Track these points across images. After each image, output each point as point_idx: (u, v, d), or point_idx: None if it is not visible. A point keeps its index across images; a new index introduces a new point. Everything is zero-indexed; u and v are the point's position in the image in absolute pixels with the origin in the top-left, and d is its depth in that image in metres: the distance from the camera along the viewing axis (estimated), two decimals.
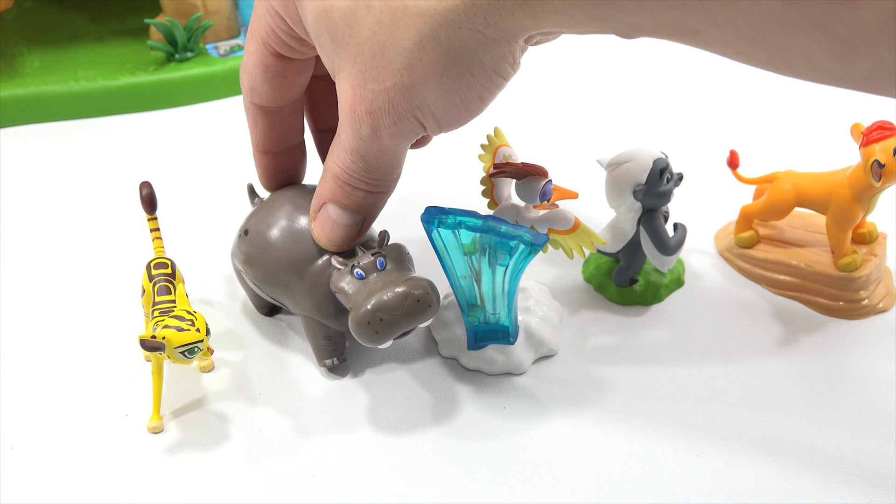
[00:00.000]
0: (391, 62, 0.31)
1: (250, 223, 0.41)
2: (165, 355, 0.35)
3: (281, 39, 0.35)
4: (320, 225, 0.37)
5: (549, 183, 0.40)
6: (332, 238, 0.37)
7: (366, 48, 0.31)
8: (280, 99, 0.38)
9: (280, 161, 0.41)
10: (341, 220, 0.37)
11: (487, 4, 0.29)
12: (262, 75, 0.37)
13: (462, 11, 0.29)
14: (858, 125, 0.43)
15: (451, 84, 0.31)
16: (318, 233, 0.38)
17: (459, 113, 0.33)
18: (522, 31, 0.30)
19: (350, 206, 0.37)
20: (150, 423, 0.38)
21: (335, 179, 0.36)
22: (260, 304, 0.44)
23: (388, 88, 0.31)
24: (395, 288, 0.36)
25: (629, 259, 0.45)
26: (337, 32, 0.31)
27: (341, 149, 0.35)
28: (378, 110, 0.32)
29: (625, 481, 0.36)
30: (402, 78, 0.31)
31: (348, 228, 0.37)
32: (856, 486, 0.36)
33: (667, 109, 0.65)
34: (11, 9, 0.70)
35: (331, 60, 0.33)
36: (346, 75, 0.32)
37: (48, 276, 0.48)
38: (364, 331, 0.35)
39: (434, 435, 0.38)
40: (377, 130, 0.33)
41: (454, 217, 0.37)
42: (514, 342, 0.41)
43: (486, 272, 0.38)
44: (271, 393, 0.41)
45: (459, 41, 0.30)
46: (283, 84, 0.38)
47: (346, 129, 0.34)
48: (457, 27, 0.29)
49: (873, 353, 0.43)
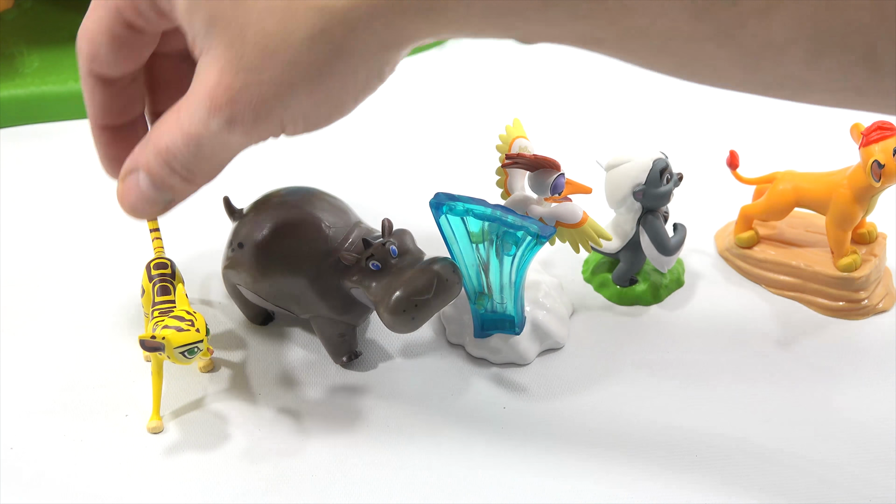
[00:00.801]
0: (275, 54, 0.29)
1: (242, 236, 0.40)
2: (165, 355, 0.35)
3: (138, 9, 0.32)
4: (127, 189, 0.34)
5: (560, 176, 0.40)
6: (136, 208, 0.35)
7: (249, 34, 0.28)
8: (123, 69, 0.35)
9: (121, 137, 0.37)
10: (151, 194, 0.34)
11: (390, 8, 0.28)
12: (107, 43, 0.33)
13: (363, 12, 0.28)
14: (858, 125, 0.43)
15: (332, 84, 0.30)
16: (123, 198, 0.35)
17: (331, 115, 0.31)
18: (418, 37, 0.29)
19: (164, 185, 0.34)
20: (150, 424, 0.38)
21: (158, 154, 0.33)
22: (253, 315, 0.44)
23: (264, 81, 0.29)
24: (423, 271, 0.36)
25: (629, 259, 0.45)
26: (217, 11, 0.29)
27: (177, 129, 0.32)
28: (243, 102, 0.29)
29: (625, 481, 0.36)
30: (283, 73, 0.29)
31: (155, 205, 0.34)
32: (855, 487, 0.36)
33: (667, 109, 0.64)
34: (11, 9, 0.70)
35: (198, 39, 0.30)
36: (215, 58, 0.30)
37: (48, 276, 0.48)
38: (401, 319, 0.36)
39: (434, 435, 0.38)
40: (232, 124, 0.30)
41: (462, 204, 0.37)
42: (520, 333, 0.41)
43: (493, 262, 0.39)
44: (271, 393, 0.41)
45: (353, 42, 0.28)
46: (129, 54, 0.34)
47: (192, 112, 0.31)
48: (353, 27, 0.28)
49: (873, 353, 0.43)
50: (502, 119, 0.46)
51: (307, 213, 0.40)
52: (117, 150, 0.37)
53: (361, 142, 0.61)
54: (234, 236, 0.41)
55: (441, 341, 0.43)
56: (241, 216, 0.42)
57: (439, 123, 0.63)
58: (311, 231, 0.39)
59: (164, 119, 0.33)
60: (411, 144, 0.61)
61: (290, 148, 0.59)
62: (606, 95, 0.67)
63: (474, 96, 0.66)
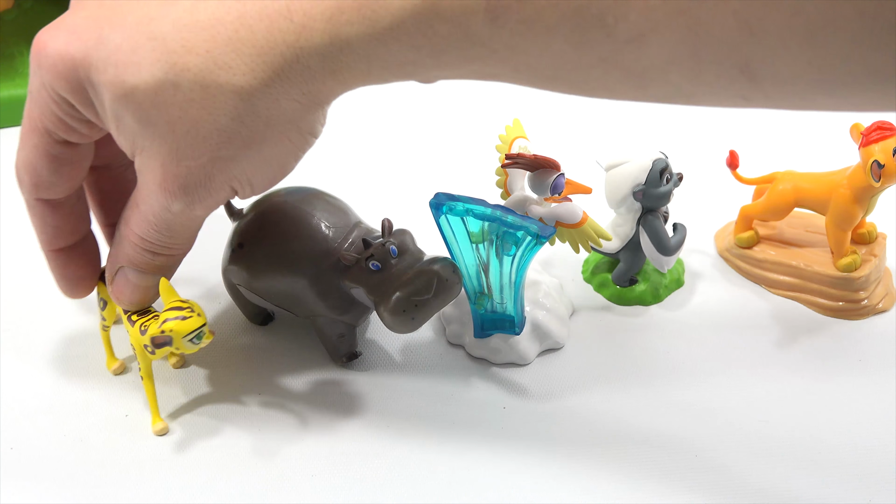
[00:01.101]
0: (207, 138, 0.30)
1: (243, 236, 0.40)
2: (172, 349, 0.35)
3: (68, 126, 0.33)
4: (119, 289, 0.36)
5: (560, 176, 0.40)
6: (133, 300, 0.37)
7: (178, 126, 0.30)
8: (69, 188, 0.36)
9: (76, 255, 0.38)
10: (142, 283, 0.36)
11: (301, 76, 0.30)
12: (48, 167, 0.34)
13: (278, 84, 0.30)
14: (858, 125, 0.43)
15: (270, 151, 0.32)
16: (118, 297, 0.37)
17: (276, 176, 0.33)
18: (334, 95, 0.31)
19: (150, 270, 0.36)
20: (155, 427, 0.38)
21: (134, 248, 0.35)
22: (253, 315, 0.44)
23: (205, 164, 0.31)
24: (423, 271, 0.36)
25: (629, 259, 0.45)
26: (141, 113, 0.30)
27: (142, 221, 0.34)
28: (193, 185, 0.32)
29: (625, 480, 0.36)
30: (221, 151, 0.31)
31: (149, 290, 0.37)
32: (855, 486, 0.36)
33: (667, 110, 0.64)
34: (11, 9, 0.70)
35: (131, 141, 0.32)
36: (154, 154, 0.31)
37: (48, 276, 0.48)
38: (401, 319, 0.36)
39: (434, 435, 0.38)
40: (191, 205, 0.32)
41: (462, 204, 0.37)
42: (520, 333, 0.41)
43: (493, 262, 0.39)
44: (271, 393, 0.41)
45: (277, 112, 0.30)
46: (70, 172, 0.35)
47: (151, 204, 0.33)
48: (275, 99, 0.30)
49: (873, 353, 0.43)
50: (502, 119, 0.46)
51: (307, 213, 0.40)
52: (73, 269, 0.38)
53: (362, 142, 0.61)
54: (234, 236, 0.41)
55: (441, 341, 0.43)
56: (241, 216, 0.42)
57: (439, 123, 0.63)
58: (311, 231, 0.39)
59: (126, 217, 0.35)
60: (411, 144, 0.61)
61: None
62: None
63: (474, 96, 0.66)
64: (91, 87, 0.31)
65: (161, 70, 0.29)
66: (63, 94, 0.32)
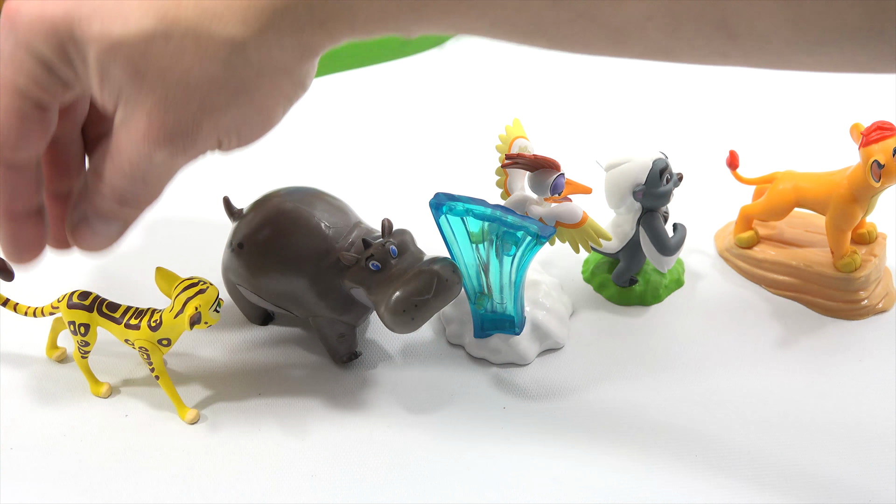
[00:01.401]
0: (198, 87, 0.31)
1: (243, 236, 0.40)
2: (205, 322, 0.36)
3: (41, 84, 0.33)
4: (81, 236, 0.36)
5: (560, 176, 0.40)
6: (96, 249, 0.36)
7: (168, 76, 0.31)
8: (32, 151, 0.35)
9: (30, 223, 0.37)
10: (107, 232, 0.36)
11: (291, 26, 0.30)
12: (17, 127, 0.34)
13: (271, 33, 0.30)
14: (858, 125, 0.43)
15: (261, 100, 0.32)
16: (79, 243, 0.36)
17: (263, 127, 0.34)
18: (323, 47, 0.32)
19: (117, 219, 0.36)
20: (187, 418, 0.39)
21: (103, 198, 0.35)
22: (253, 315, 0.44)
23: (195, 112, 0.31)
24: (422, 271, 0.36)
25: (629, 259, 0.45)
26: (130, 64, 0.31)
27: (117, 171, 0.34)
28: (180, 134, 0.32)
29: (625, 480, 0.36)
30: (211, 99, 0.31)
31: (113, 238, 0.36)
32: (856, 487, 0.36)
33: (667, 110, 0.65)
34: None
35: (116, 93, 0.32)
36: (141, 104, 0.32)
37: (48, 275, 0.48)
38: (400, 319, 0.36)
39: (435, 435, 0.38)
40: (174, 155, 0.33)
41: (462, 204, 0.37)
42: (520, 333, 0.41)
43: (493, 262, 0.39)
44: (271, 393, 0.41)
45: (269, 60, 0.31)
46: (37, 135, 0.35)
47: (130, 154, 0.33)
48: (267, 48, 0.31)
49: (873, 353, 0.43)
50: (502, 119, 0.46)
51: (307, 213, 0.40)
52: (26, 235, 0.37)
53: (361, 142, 0.61)
54: (234, 236, 0.41)
55: (441, 341, 0.43)
56: (241, 216, 0.42)
57: (439, 123, 0.63)
58: (311, 231, 0.39)
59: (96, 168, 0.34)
60: (411, 144, 0.61)
61: (291, 148, 0.59)
62: (606, 95, 0.67)
63: (474, 96, 0.66)
64: (73, 44, 0.31)
65: (151, 21, 0.30)
66: (42, 52, 0.32)
